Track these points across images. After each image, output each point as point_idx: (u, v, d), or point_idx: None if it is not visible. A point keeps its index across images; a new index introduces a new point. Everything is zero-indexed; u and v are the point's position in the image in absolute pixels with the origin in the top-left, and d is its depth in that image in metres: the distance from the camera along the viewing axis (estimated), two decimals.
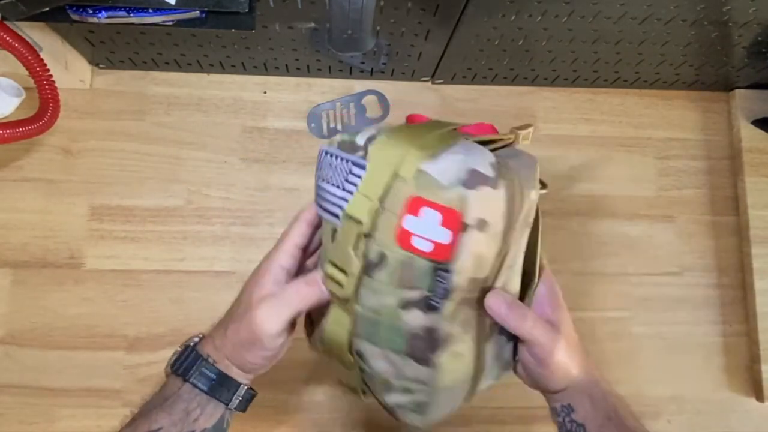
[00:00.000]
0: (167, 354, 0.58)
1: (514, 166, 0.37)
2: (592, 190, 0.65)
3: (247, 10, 0.45)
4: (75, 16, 0.45)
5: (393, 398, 0.41)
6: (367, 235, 0.35)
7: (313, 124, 0.63)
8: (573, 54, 0.57)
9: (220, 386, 0.39)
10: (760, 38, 0.54)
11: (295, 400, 0.59)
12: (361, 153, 0.36)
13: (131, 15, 0.45)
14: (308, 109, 0.63)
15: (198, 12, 0.45)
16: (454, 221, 0.33)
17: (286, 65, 0.60)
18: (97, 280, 0.58)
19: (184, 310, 0.59)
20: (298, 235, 0.41)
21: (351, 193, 0.36)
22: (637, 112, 0.67)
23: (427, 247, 0.34)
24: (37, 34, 0.53)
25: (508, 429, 0.60)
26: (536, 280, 0.42)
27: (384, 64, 0.59)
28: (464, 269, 0.34)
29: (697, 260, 0.65)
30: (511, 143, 0.42)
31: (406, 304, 0.36)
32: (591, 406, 0.40)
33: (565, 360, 0.39)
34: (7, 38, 0.49)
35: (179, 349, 0.40)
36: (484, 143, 0.38)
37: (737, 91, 0.66)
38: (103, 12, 0.45)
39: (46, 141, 0.60)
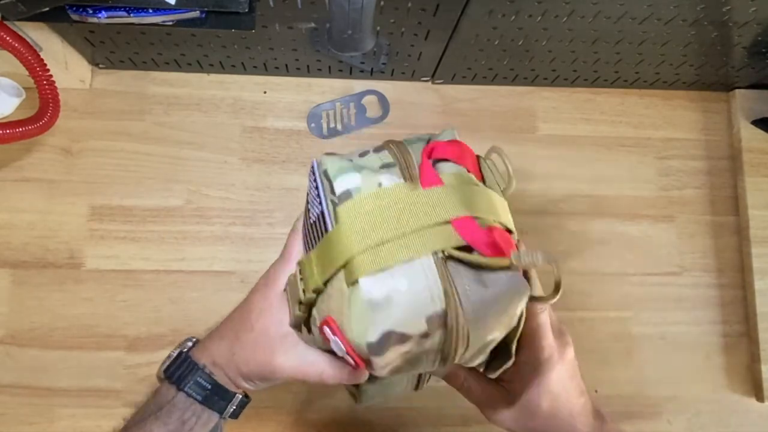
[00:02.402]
0: (167, 354, 0.58)
1: (480, 309, 0.30)
2: (592, 190, 0.65)
3: (247, 10, 0.45)
4: (75, 16, 0.45)
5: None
6: (307, 304, 0.34)
7: (313, 124, 0.63)
8: (573, 54, 0.57)
9: (215, 396, 0.38)
10: (760, 38, 0.54)
11: (295, 399, 0.59)
12: (333, 198, 0.32)
13: (131, 15, 0.45)
14: (308, 109, 0.63)
15: (198, 12, 0.45)
16: (359, 363, 0.31)
17: (286, 65, 0.60)
18: (97, 280, 0.58)
19: (184, 310, 0.59)
20: (298, 252, 0.39)
21: (312, 239, 0.34)
22: (637, 112, 0.67)
23: (340, 353, 0.32)
24: (37, 34, 0.53)
25: None
26: (509, 362, 0.37)
27: (384, 64, 0.59)
28: (384, 366, 0.31)
29: (697, 260, 0.65)
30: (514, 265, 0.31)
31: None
32: None
33: (505, 418, 0.40)
34: (7, 38, 0.49)
35: (172, 353, 0.40)
36: (479, 265, 0.31)
37: (737, 91, 0.66)
38: (103, 12, 0.45)
39: (46, 141, 0.60)
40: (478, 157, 0.37)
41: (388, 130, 0.64)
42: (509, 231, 0.34)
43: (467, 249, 0.31)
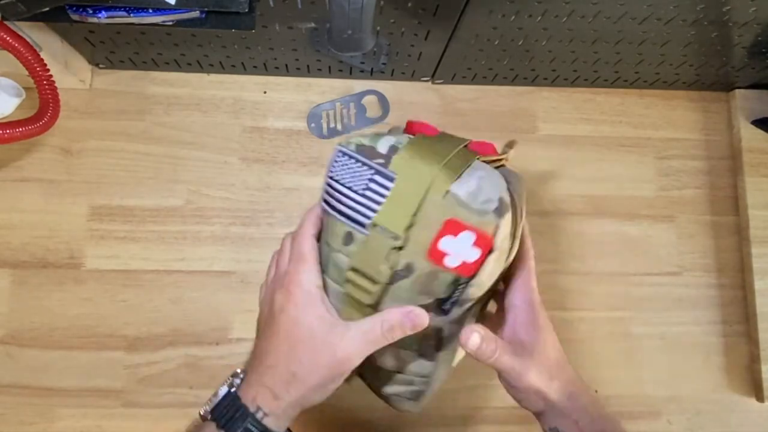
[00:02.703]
0: (167, 354, 0.58)
1: (515, 189, 0.39)
2: (592, 190, 0.65)
3: (247, 10, 0.45)
4: (75, 16, 0.45)
5: (393, 389, 0.45)
6: (400, 248, 0.36)
7: (313, 124, 0.63)
8: (573, 54, 0.57)
9: None
10: (760, 38, 0.54)
11: None
12: (380, 161, 0.37)
13: (131, 15, 0.45)
14: (308, 109, 0.63)
15: (198, 12, 0.45)
16: (486, 244, 0.36)
17: (286, 65, 0.60)
18: (97, 280, 0.58)
19: (184, 310, 0.59)
20: (313, 249, 0.40)
21: (374, 201, 0.37)
22: (637, 112, 0.67)
23: (455, 263, 0.36)
24: (37, 34, 0.53)
25: (508, 429, 0.60)
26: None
27: (384, 64, 0.59)
28: (480, 283, 0.38)
29: (697, 260, 0.65)
30: (505, 162, 0.44)
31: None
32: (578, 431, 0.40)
33: (537, 384, 0.39)
34: (7, 38, 0.49)
35: (219, 391, 0.38)
36: (488, 162, 0.40)
37: (737, 91, 0.66)
38: (103, 12, 0.45)
39: (46, 141, 0.60)
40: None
41: None
42: None
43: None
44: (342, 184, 0.38)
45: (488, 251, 0.36)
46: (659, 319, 0.63)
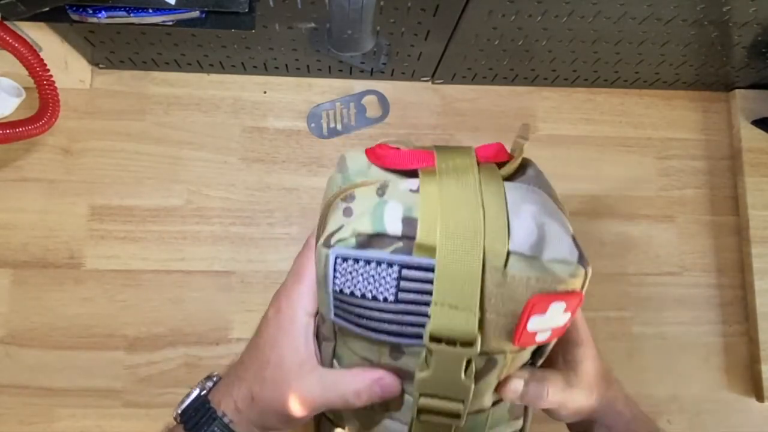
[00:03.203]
0: (167, 354, 0.58)
1: (553, 195, 0.33)
2: (592, 190, 0.65)
3: (247, 10, 0.45)
4: (75, 16, 0.45)
5: None
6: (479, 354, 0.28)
7: (313, 124, 0.63)
8: (573, 54, 0.57)
9: None
10: (760, 38, 0.54)
11: None
12: (399, 245, 0.28)
13: (131, 15, 0.45)
14: (308, 109, 0.63)
15: (198, 12, 0.45)
16: (578, 303, 0.29)
17: (286, 65, 0.60)
18: (97, 280, 0.58)
19: (184, 310, 0.59)
20: (312, 269, 0.34)
21: (417, 303, 0.27)
22: (637, 112, 0.67)
23: (546, 336, 0.30)
24: (37, 34, 0.53)
25: None
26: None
27: (384, 64, 0.59)
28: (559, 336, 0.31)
29: (697, 260, 0.65)
30: (521, 161, 0.35)
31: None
32: None
33: (581, 404, 0.37)
34: (7, 38, 0.49)
35: (192, 392, 0.37)
36: (500, 165, 0.33)
37: (737, 91, 0.66)
38: (103, 12, 0.45)
39: (46, 141, 0.60)
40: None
41: (388, 130, 0.64)
42: None
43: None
44: (360, 297, 0.28)
45: (579, 307, 0.29)
46: (659, 319, 0.63)
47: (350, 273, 0.28)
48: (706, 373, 0.63)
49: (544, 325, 0.28)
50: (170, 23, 0.46)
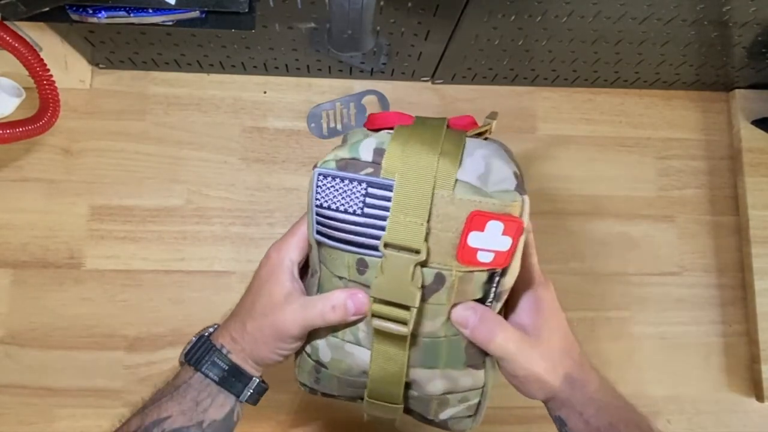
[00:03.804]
0: (167, 354, 0.58)
1: (513, 156, 0.37)
2: (592, 190, 0.65)
3: (247, 10, 0.45)
4: (75, 16, 0.45)
5: (449, 413, 0.40)
6: (424, 263, 0.33)
7: (313, 124, 0.63)
8: (573, 54, 0.57)
9: (232, 377, 0.38)
10: (760, 38, 0.54)
11: (295, 399, 0.59)
12: (369, 170, 0.33)
13: (131, 15, 0.45)
14: (308, 109, 0.63)
15: (198, 12, 0.45)
16: (517, 228, 0.33)
17: (286, 65, 0.60)
18: (97, 280, 0.58)
19: (184, 310, 0.59)
20: (303, 228, 0.40)
21: (378, 218, 0.33)
22: (637, 112, 0.67)
23: (489, 258, 0.33)
24: (37, 34, 0.53)
25: (508, 429, 0.60)
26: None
27: (384, 64, 0.59)
28: (513, 271, 0.35)
29: (697, 260, 0.65)
30: (488, 132, 0.40)
31: None
32: (583, 424, 0.38)
33: (537, 372, 0.37)
34: (7, 38, 0.49)
35: (194, 338, 0.40)
36: (475, 136, 0.38)
37: (737, 91, 0.66)
38: (103, 12, 0.45)
39: (46, 141, 0.60)
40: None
41: None
42: None
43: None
44: (335, 210, 0.34)
45: (520, 235, 0.33)
46: (659, 319, 0.63)
47: (328, 189, 0.34)
48: (706, 373, 0.63)
49: (485, 244, 0.33)
50: (170, 23, 0.46)
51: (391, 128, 0.37)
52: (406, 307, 0.33)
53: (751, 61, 0.59)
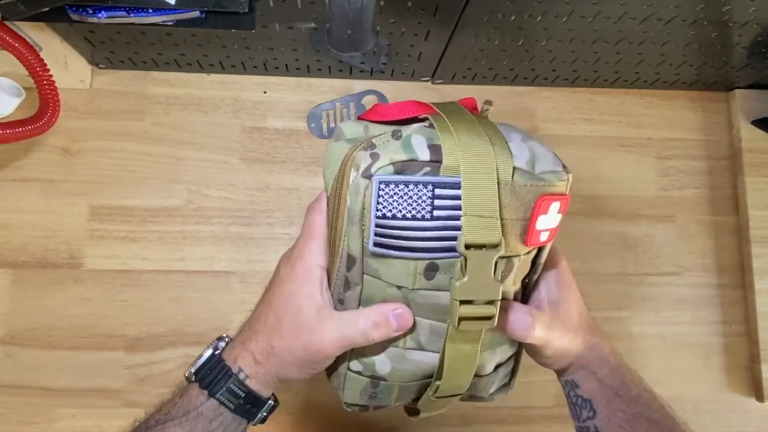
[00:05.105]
0: (167, 354, 0.58)
1: None
2: (592, 190, 0.65)
3: (247, 10, 0.45)
4: (75, 16, 0.45)
5: (496, 385, 0.41)
6: (503, 255, 0.33)
7: (313, 124, 0.63)
8: (573, 54, 0.57)
9: (247, 404, 0.36)
10: (760, 38, 0.54)
11: (296, 399, 0.59)
12: (427, 169, 0.32)
13: (131, 15, 0.45)
14: (308, 109, 0.63)
15: (198, 12, 0.45)
16: (566, 204, 0.34)
17: (286, 65, 0.60)
18: (97, 280, 0.58)
19: (184, 310, 0.59)
20: (323, 227, 0.38)
21: (449, 219, 0.32)
22: (637, 112, 0.67)
23: (546, 236, 0.35)
24: (37, 34, 0.53)
25: (508, 429, 0.60)
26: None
27: (384, 64, 0.59)
28: (551, 244, 0.37)
29: (697, 260, 0.65)
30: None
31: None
32: (597, 383, 0.39)
33: (564, 346, 0.38)
34: (7, 38, 0.49)
35: (204, 353, 0.38)
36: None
37: (737, 91, 0.66)
38: (103, 12, 0.45)
39: (46, 141, 0.60)
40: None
41: None
42: None
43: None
44: (401, 218, 0.32)
45: (566, 208, 0.34)
46: (659, 319, 0.63)
47: (391, 197, 0.32)
48: (706, 373, 0.63)
49: (546, 224, 0.34)
50: (170, 23, 0.46)
51: (404, 120, 0.36)
52: (491, 302, 0.33)
53: (751, 61, 0.59)
